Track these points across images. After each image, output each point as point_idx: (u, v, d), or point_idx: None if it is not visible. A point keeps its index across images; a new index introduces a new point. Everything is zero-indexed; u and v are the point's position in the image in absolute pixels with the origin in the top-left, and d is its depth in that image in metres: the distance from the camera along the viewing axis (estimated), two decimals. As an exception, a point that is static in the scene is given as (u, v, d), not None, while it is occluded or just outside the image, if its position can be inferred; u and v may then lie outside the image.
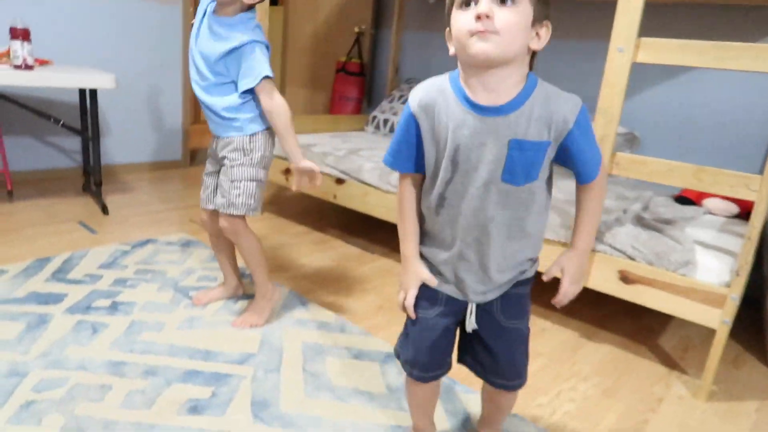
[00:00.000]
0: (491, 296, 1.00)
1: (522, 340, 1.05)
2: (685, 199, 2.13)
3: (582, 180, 0.94)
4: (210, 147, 1.62)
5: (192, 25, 1.52)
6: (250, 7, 1.46)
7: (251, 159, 1.52)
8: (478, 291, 0.99)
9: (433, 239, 1.00)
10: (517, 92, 0.86)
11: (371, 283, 2.07)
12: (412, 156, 0.97)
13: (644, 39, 1.48)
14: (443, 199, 0.94)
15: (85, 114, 2.64)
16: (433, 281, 1.01)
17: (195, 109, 4.39)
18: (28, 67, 2.23)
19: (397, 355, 1.11)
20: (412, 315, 1.03)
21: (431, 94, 0.92)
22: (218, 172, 1.59)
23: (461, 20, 0.84)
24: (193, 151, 3.72)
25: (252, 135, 1.52)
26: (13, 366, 1.32)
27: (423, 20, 3.23)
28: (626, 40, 1.49)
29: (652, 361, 1.72)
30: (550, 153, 0.89)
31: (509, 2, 0.81)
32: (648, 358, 1.74)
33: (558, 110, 0.86)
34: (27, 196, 2.65)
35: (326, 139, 2.72)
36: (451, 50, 0.89)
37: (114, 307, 1.64)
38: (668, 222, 1.80)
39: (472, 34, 0.82)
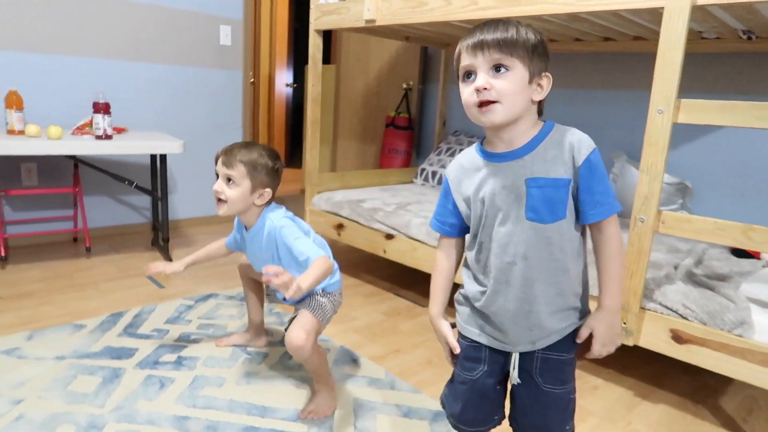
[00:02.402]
0: (539, 345, 1.01)
1: (560, 407, 1.04)
2: (742, 251, 2.08)
3: (585, 219, 0.95)
4: None
5: None
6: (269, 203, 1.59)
7: (324, 315, 1.57)
8: (522, 339, 1.00)
9: (477, 287, 1.04)
10: (531, 137, 0.95)
11: (420, 337, 2.11)
12: (450, 220, 1.07)
13: (684, 100, 1.51)
14: (480, 244, 1.01)
15: (155, 175, 2.86)
16: (455, 348, 1.08)
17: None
18: (108, 137, 2.47)
19: (443, 405, 1.14)
20: (456, 349, 1.08)
21: (460, 161, 1.04)
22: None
23: (465, 93, 0.93)
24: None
25: (332, 294, 1.64)
26: (91, 419, 1.44)
27: (468, 75, 3.33)
28: (666, 102, 1.52)
29: (713, 424, 1.66)
30: (573, 191, 0.94)
31: (503, 70, 0.90)
32: (708, 420, 1.68)
33: (569, 148, 0.93)
34: (102, 252, 2.88)
35: (376, 193, 2.83)
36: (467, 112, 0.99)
37: (179, 362, 1.76)
38: (722, 278, 1.76)
39: (476, 105, 0.91)
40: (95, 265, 2.69)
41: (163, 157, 2.68)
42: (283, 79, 5.92)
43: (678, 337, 1.59)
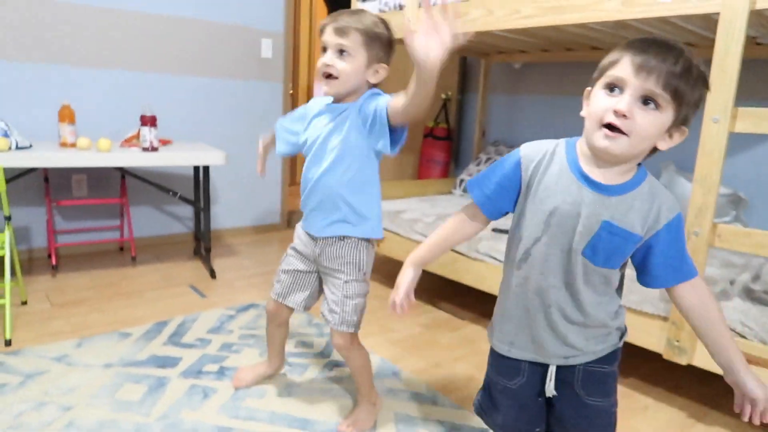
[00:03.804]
0: (574, 361, 0.98)
1: (603, 420, 1.01)
2: (803, 266, 1.96)
3: (655, 283, 0.92)
4: (299, 239, 1.52)
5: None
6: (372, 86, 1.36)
7: (365, 274, 1.46)
8: (559, 354, 0.98)
9: (511, 298, 1.00)
10: (626, 179, 0.88)
11: (461, 351, 2.07)
12: (497, 198, 0.97)
13: (741, 109, 1.44)
14: (528, 255, 0.95)
15: (198, 186, 2.92)
16: (401, 293, 1.05)
17: (291, 172, 4.69)
18: (154, 149, 2.53)
19: (479, 413, 1.12)
20: (399, 307, 1.06)
21: (543, 153, 0.93)
22: (312, 273, 1.52)
23: (600, 103, 0.84)
24: (290, 213, 3.95)
25: (371, 242, 1.44)
26: (137, 427, 1.46)
27: (508, 84, 3.29)
28: (722, 110, 1.45)
29: (774, 449, 1.57)
30: (636, 248, 0.90)
31: (652, 105, 0.80)
32: (769, 445, 1.60)
33: (655, 207, 0.88)
34: (147, 261, 2.95)
35: (415, 203, 2.81)
36: (583, 112, 0.90)
37: (221, 372, 1.77)
38: (783, 294, 1.67)
39: (603, 124, 0.82)
40: (140, 273, 2.75)
41: (206, 168, 2.73)
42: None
43: (736, 357, 1.51)
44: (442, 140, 3.53)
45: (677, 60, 0.80)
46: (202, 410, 1.56)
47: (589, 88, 0.90)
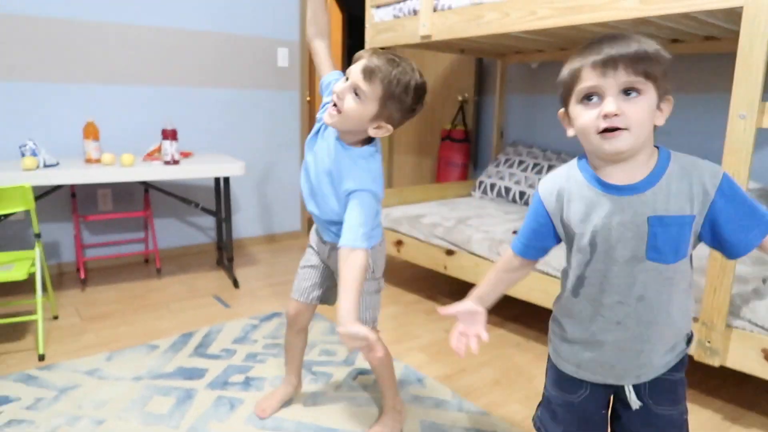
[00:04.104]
0: (645, 378, 0.95)
1: (674, 429, 0.97)
2: (838, 261, 1.90)
3: (742, 249, 0.85)
4: (313, 241, 1.54)
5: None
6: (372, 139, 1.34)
7: (373, 272, 1.45)
8: (632, 374, 0.95)
9: (574, 323, 0.98)
10: (651, 168, 0.85)
11: (486, 355, 2.06)
12: (540, 244, 1.00)
13: (769, 103, 1.40)
14: (582, 279, 0.93)
15: (219, 197, 2.96)
16: (447, 313, 1.06)
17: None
18: (175, 162, 2.57)
19: (538, 429, 1.09)
20: (447, 312, 1.07)
21: (559, 181, 0.93)
22: (328, 267, 1.53)
23: (585, 117, 0.83)
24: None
25: (373, 248, 1.38)
26: (166, 440, 1.48)
27: (526, 84, 3.26)
28: (749, 106, 1.42)
29: (815, 452, 1.52)
30: (696, 228, 0.86)
31: (634, 93, 0.80)
32: (809, 448, 1.55)
33: (696, 181, 0.84)
34: (171, 272, 2.99)
35: (434, 207, 2.80)
36: (570, 133, 0.89)
37: (247, 383, 1.79)
38: (819, 292, 1.62)
39: (600, 131, 0.81)
40: (165, 285, 2.79)
41: (227, 179, 2.76)
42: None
43: (771, 358, 1.47)
44: (460, 142, 3.51)
45: (629, 44, 0.81)
46: (229, 422, 1.57)
47: (562, 110, 0.91)
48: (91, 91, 2.88)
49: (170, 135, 2.55)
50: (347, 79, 1.24)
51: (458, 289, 2.77)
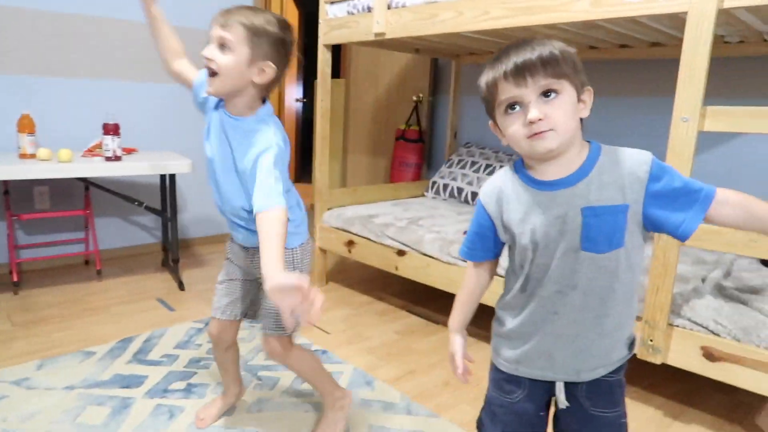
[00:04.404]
0: (584, 377, 0.94)
1: (613, 431, 0.97)
2: (772, 261, 1.99)
3: (688, 227, 0.85)
4: (231, 252, 1.45)
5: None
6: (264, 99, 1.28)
7: (300, 272, 1.35)
8: (567, 367, 0.94)
9: (514, 315, 0.98)
10: (582, 161, 0.88)
11: (437, 357, 2.04)
12: (485, 246, 1.01)
13: (711, 108, 1.44)
14: (525, 275, 0.93)
15: (165, 195, 2.84)
16: (458, 367, 1.07)
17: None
18: (117, 158, 2.45)
19: (479, 428, 1.08)
20: (458, 368, 1.07)
21: (497, 185, 0.96)
22: (251, 281, 1.46)
23: (513, 125, 0.86)
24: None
25: (301, 246, 1.35)
26: (98, 453, 1.39)
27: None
28: (691, 110, 1.45)
29: (750, 446, 1.58)
30: (636, 217, 0.86)
31: (552, 95, 0.83)
32: (745, 441, 1.60)
33: (627, 170, 0.86)
34: (113, 274, 2.85)
35: (387, 207, 2.78)
36: (504, 141, 0.92)
37: (189, 390, 1.71)
38: (755, 291, 1.68)
39: (529, 137, 0.84)
40: (107, 288, 2.66)
41: (172, 176, 2.65)
42: (293, 94, 5.91)
43: (710, 355, 1.51)
44: (414, 143, 3.50)
45: (534, 49, 0.83)
46: (168, 431, 1.49)
47: (491, 122, 0.93)
48: (26, 82, 2.71)
49: (112, 130, 2.43)
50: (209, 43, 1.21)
51: (409, 289, 2.76)
